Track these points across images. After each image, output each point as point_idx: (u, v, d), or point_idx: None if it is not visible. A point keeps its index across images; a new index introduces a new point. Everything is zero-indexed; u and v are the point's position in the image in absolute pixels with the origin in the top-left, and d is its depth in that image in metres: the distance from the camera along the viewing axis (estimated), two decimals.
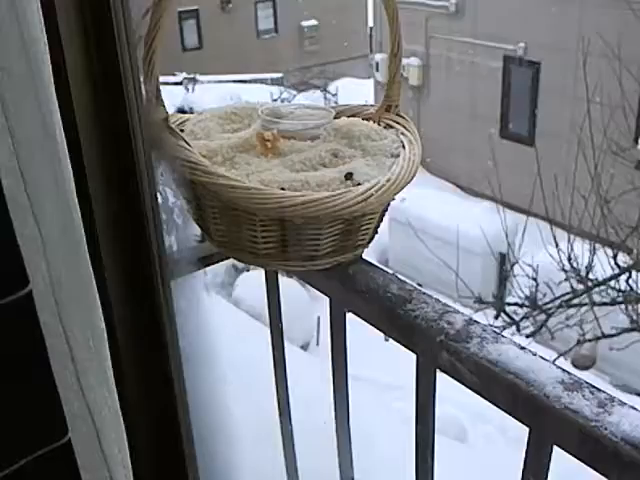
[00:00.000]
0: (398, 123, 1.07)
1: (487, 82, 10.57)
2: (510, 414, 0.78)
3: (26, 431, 0.65)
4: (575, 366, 6.87)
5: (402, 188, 0.93)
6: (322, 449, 1.27)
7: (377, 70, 11.84)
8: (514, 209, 8.18)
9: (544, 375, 0.76)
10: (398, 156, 0.98)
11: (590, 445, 0.70)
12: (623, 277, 5.67)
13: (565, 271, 5.78)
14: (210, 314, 1.07)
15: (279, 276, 1.22)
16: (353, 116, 1.10)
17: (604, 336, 5.76)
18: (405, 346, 0.91)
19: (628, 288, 5.63)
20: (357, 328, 1.09)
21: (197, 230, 1.04)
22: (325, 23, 17.59)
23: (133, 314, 0.97)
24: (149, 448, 1.05)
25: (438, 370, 0.87)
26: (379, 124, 1.08)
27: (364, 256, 1.02)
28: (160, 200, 0.97)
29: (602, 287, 5.72)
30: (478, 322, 0.86)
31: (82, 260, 0.68)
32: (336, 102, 12.81)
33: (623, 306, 5.67)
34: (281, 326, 1.25)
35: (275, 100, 11.34)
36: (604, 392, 0.74)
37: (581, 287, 5.78)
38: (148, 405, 1.03)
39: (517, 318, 6.12)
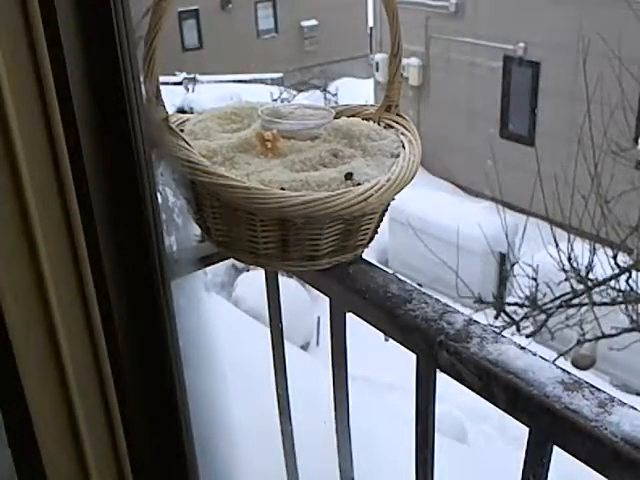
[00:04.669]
0: (398, 123, 1.07)
1: (487, 82, 10.56)
2: (510, 414, 0.78)
3: None
4: (575, 366, 6.87)
5: (402, 188, 0.93)
6: (322, 449, 1.27)
7: (377, 70, 11.84)
8: (514, 209, 8.19)
9: (544, 375, 0.76)
10: (398, 156, 0.98)
11: (590, 445, 0.70)
12: (623, 277, 5.66)
13: (565, 271, 5.78)
14: (210, 314, 1.07)
15: (279, 276, 1.22)
16: (353, 116, 1.10)
17: (604, 336, 5.76)
18: (405, 346, 0.91)
19: (628, 288, 5.63)
20: (357, 328, 1.09)
21: (197, 230, 1.04)
22: (325, 23, 17.60)
23: (133, 314, 0.97)
24: (149, 448, 1.05)
25: (438, 370, 0.87)
26: (379, 124, 1.08)
27: (364, 256, 1.02)
28: (160, 200, 0.97)
29: (602, 287, 5.71)
30: (478, 322, 0.86)
31: None
32: (336, 102, 12.82)
33: (623, 306, 5.67)
34: (281, 326, 1.25)
35: (275, 100, 11.35)
36: (604, 392, 0.73)
37: (581, 287, 5.78)
38: (148, 405, 1.03)
39: (517, 318, 6.11)
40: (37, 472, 0.87)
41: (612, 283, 5.69)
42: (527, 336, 5.91)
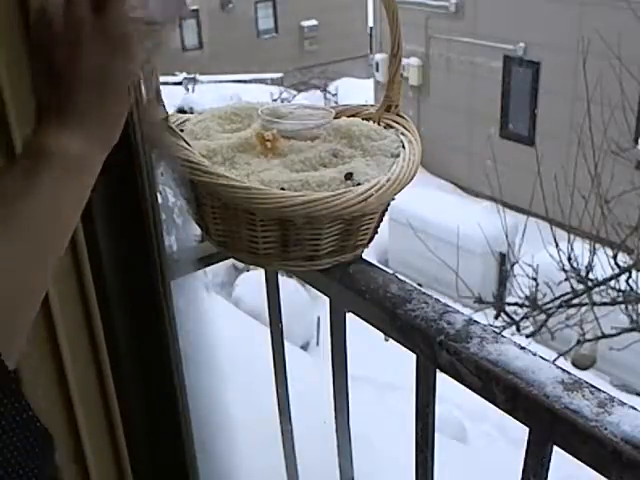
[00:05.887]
0: (398, 123, 1.07)
1: (487, 82, 10.57)
2: (510, 414, 0.78)
3: None
4: (575, 366, 6.87)
5: (402, 188, 0.93)
6: (322, 449, 1.27)
7: (377, 70, 11.84)
8: (514, 209, 8.19)
9: (544, 375, 0.76)
10: (398, 156, 0.98)
11: (590, 445, 0.70)
12: (623, 277, 5.66)
13: (565, 271, 5.78)
14: (210, 314, 1.07)
15: (279, 276, 1.22)
16: (353, 116, 1.10)
17: (604, 336, 5.76)
18: (405, 346, 0.91)
19: (628, 288, 5.63)
20: (357, 328, 1.09)
21: (197, 230, 1.04)
22: (325, 23, 17.60)
23: (133, 314, 0.97)
24: (149, 448, 1.06)
25: (438, 370, 0.87)
26: (379, 124, 1.08)
27: (364, 256, 1.02)
28: (160, 200, 0.97)
29: (602, 287, 5.71)
30: (478, 322, 0.86)
31: None
32: (336, 102, 12.83)
33: (623, 306, 5.67)
34: (281, 326, 1.25)
35: (275, 100, 11.36)
36: (604, 392, 0.73)
37: (581, 287, 5.78)
38: (148, 405, 1.03)
39: (517, 318, 6.11)
40: None
41: (612, 283, 5.69)
42: (527, 336, 5.91)
